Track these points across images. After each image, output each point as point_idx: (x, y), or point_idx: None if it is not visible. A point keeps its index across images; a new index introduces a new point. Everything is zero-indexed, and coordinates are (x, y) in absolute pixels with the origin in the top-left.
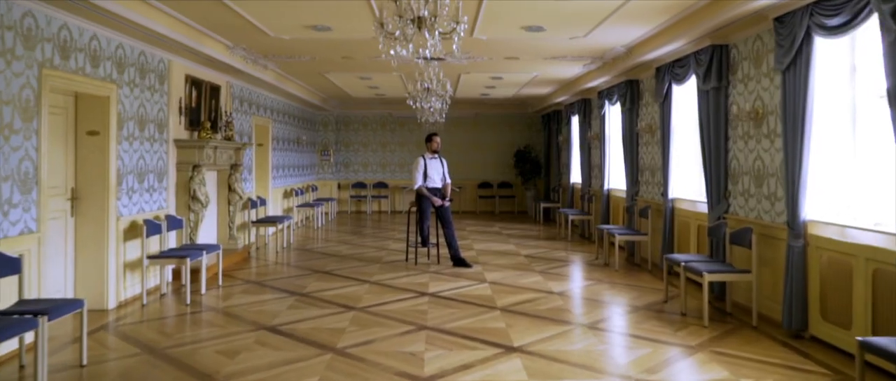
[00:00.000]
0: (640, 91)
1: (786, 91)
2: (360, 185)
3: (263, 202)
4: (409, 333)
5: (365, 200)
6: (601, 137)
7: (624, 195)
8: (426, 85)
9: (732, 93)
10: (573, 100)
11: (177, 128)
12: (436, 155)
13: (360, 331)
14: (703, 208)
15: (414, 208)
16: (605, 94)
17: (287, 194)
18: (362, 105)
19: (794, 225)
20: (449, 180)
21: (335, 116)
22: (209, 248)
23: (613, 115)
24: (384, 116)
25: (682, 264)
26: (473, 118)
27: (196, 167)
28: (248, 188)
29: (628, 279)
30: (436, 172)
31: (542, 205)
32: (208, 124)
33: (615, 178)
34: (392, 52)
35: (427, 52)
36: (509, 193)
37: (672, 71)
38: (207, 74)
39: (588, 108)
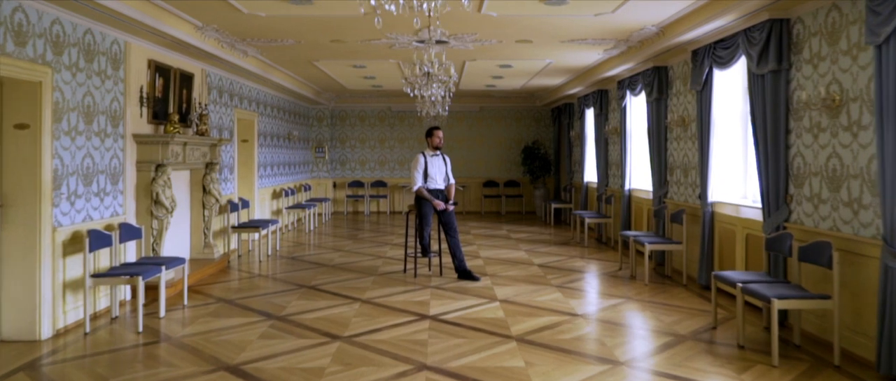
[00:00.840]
0: (670, 79)
1: (882, 70)
2: (357, 183)
3: (246, 205)
4: (404, 376)
5: (362, 199)
6: (621, 132)
7: (649, 197)
8: (426, 69)
9: (796, 76)
10: (588, 91)
11: (137, 121)
12: (438, 152)
13: (343, 373)
14: (751, 214)
15: (413, 212)
16: (627, 83)
17: (276, 195)
18: (359, 98)
19: (893, 240)
20: (453, 181)
21: (330, 110)
22: (172, 262)
23: (636, 106)
24: (382, 110)
25: (740, 285)
26: (478, 112)
27: (160, 167)
28: (229, 190)
29: (662, 297)
30: (438, 172)
31: (553, 206)
32: (177, 117)
33: (638, 177)
34: (387, 7)
35: (426, 32)
36: (516, 192)
37: (713, 54)
38: (177, 60)
39: (605, 99)
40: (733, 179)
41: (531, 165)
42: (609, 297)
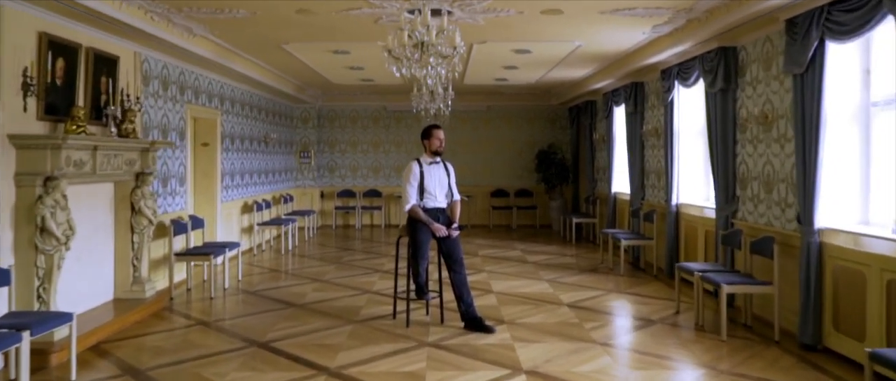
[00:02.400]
0: (742, 63)
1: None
2: (348, 193)
3: (200, 224)
4: None
5: (353, 211)
6: (666, 133)
7: (707, 215)
8: (419, 35)
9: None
10: (619, 85)
11: (16, 117)
12: (438, 158)
13: None
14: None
15: (405, 238)
16: (676, 72)
17: (246, 209)
18: (348, 95)
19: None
20: (458, 197)
21: (317, 109)
22: (48, 321)
23: (687, 101)
24: (376, 110)
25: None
26: (484, 112)
27: (50, 180)
28: (177, 206)
29: (776, 373)
30: (438, 185)
31: (575, 220)
32: (83, 112)
33: (688, 189)
34: None
35: None
36: (529, 202)
37: (827, 20)
38: (90, 37)
39: (641, 94)
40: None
41: (547, 173)
42: (689, 365)
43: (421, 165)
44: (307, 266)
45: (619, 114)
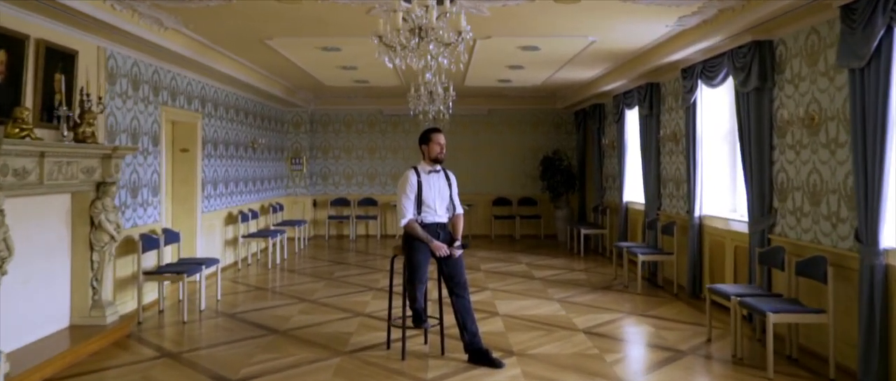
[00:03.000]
0: (780, 59)
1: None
2: (342, 202)
3: (175, 238)
4: None
5: (347, 221)
6: (687, 138)
7: (735, 228)
8: (417, 18)
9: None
10: (632, 86)
11: None
12: (438, 167)
13: None
14: None
15: (400, 257)
16: (701, 70)
17: (231, 220)
18: (342, 99)
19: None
20: (461, 210)
21: (309, 113)
22: None
23: (711, 102)
24: (372, 114)
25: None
26: (486, 116)
27: None
28: (150, 218)
29: None
30: (438, 197)
31: (583, 231)
32: (26, 113)
33: (712, 199)
34: None
35: None
36: (533, 211)
37: (893, 6)
38: (40, 28)
39: (656, 96)
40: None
41: (552, 180)
42: None
43: (419, 175)
44: (295, 283)
45: (632, 117)
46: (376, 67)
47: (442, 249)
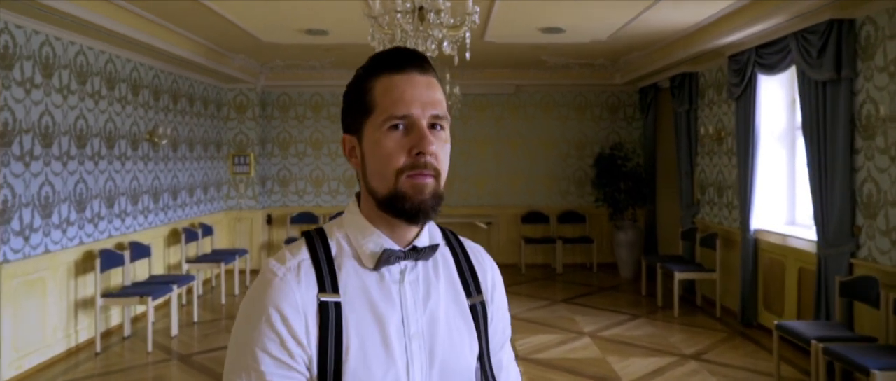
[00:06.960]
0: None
1: None
2: (308, 217)
3: None
4: None
5: None
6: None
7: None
8: None
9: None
10: (786, 31)
11: None
12: (418, 235)
13: None
14: None
15: None
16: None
17: (82, 269)
18: (301, 68)
19: None
20: None
21: (259, 91)
22: None
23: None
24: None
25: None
26: (512, 96)
27: None
28: None
29: None
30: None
31: (678, 274)
32: None
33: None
34: None
35: None
36: (581, 232)
37: None
38: None
39: (845, 37)
40: None
41: (611, 189)
42: None
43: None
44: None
45: (773, 87)
46: (350, 24)
47: None
